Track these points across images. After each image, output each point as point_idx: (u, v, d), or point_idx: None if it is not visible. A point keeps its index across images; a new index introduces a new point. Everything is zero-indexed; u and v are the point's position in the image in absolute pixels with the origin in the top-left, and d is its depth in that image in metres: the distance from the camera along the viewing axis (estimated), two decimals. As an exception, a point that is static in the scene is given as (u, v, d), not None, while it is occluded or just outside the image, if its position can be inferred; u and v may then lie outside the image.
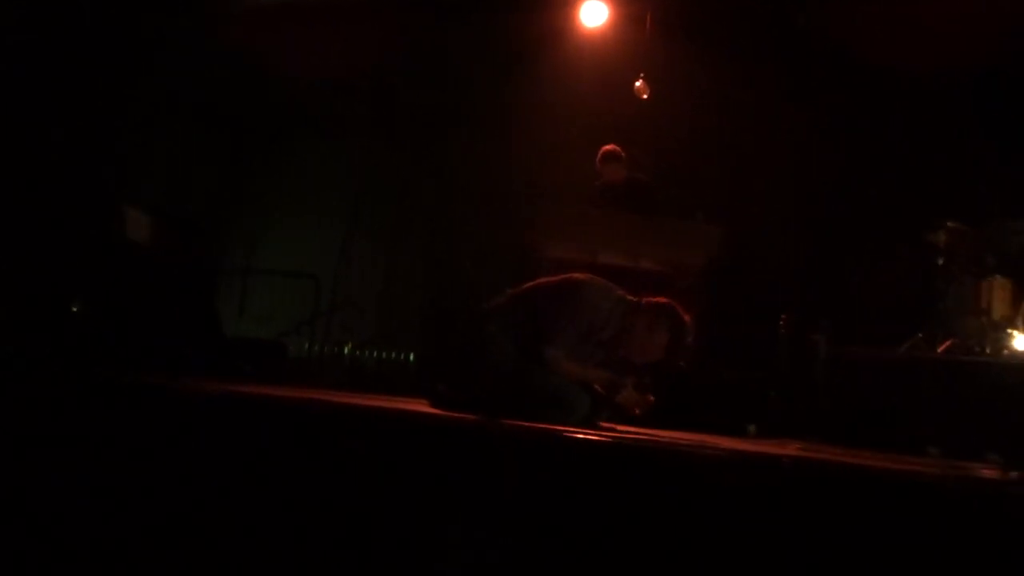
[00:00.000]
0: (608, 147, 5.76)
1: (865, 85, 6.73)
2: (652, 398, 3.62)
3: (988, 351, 4.88)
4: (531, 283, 3.85)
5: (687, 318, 3.60)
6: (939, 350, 4.96)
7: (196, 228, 7.10)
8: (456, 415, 3.32)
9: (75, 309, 5.32)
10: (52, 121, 5.95)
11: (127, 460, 2.93)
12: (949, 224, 5.40)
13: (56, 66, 6.01)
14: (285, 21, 7.25)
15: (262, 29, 7.11)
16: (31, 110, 5.80)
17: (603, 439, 2.74)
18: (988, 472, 3.06)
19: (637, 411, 3.62)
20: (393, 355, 8.19)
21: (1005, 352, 4.85)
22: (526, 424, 2.95)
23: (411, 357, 8.18)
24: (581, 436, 2.69)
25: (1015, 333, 4.88)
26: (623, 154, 5.78)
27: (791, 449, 3.52)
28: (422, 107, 8.38)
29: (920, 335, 5.20)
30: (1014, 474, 2.86)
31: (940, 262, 5.40)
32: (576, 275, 3.77)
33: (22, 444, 2.97)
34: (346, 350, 8.10)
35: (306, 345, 7.87)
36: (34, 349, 4.64)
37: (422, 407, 3.75)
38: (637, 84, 6.75)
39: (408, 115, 8.50)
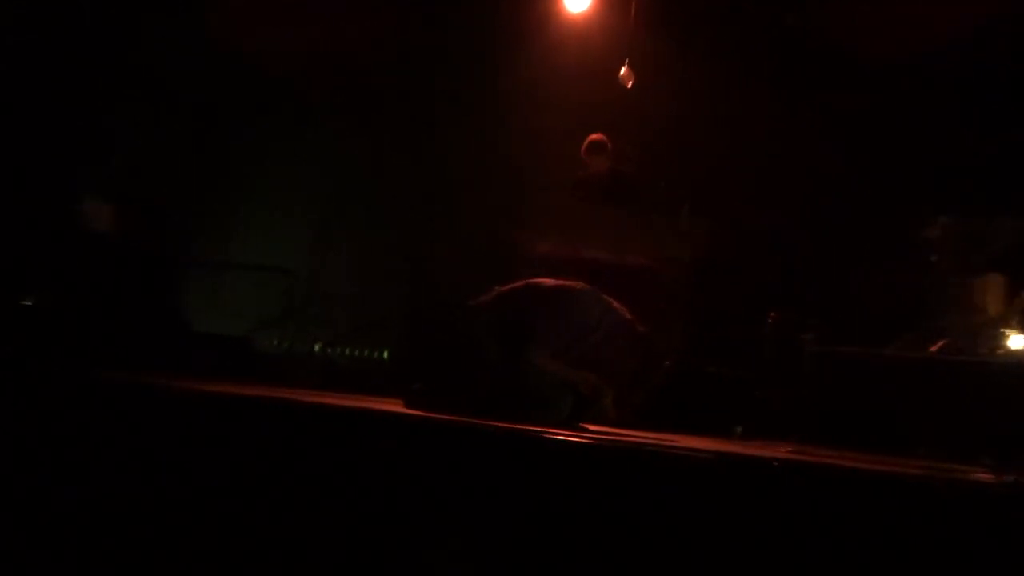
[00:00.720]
0: (594, 137, 5.73)
1: (857, 78, 6.75)
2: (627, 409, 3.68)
3: (981, 350, 4.90)
4: (522, 282, 3.87)
5: (665, 361, 3.72)
6: (931, 349, 4.97)
7: (162, 215, 7.01)
8: (433, 415, 3.30)
9: (30, 303, 5.23)
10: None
11: (86, 459, 2.88)
12: (941, 219, 5.42)
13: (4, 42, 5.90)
14: (261, 2, 7.19)
15: (236, 8, 7.04)
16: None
17: (585, 440, 2.71)
18: (981, 475, 3.07)
19: (612, 415, 3.67)
20: (367, 352, 8.13)
21: (999, 351, 4.86)
22: (507, 424, 2.93)
23: (385, 355, 8.13)
24: (563, 438, 2.66)
25: (1009, 331, 4.90)
26: (609, 145, 5.75)
27: (780, 451, 3.52)
28: (401, 93, 8.32)
29: (910, 334, 5.21)
30: (1009, 478, 2.87)
31: (932, 259, 5.42)
32: (571, 282, 3.83)
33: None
34: (317, 347, 8.04)
35: (276, 342, 7.80)
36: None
37: (397, 407, 3.72)
38: (622, 71, 6.73)
39: (387, 102, 8.44)
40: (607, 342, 3.66)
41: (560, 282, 3.83)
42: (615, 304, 3.79)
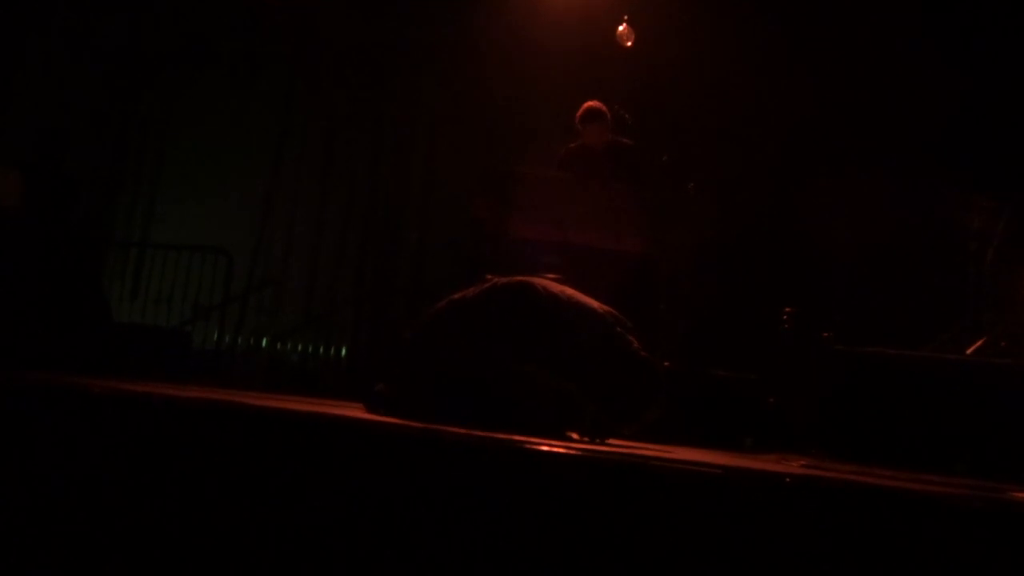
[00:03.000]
0: (591, 104, 5.74)
1: (886, 44, 6.79)
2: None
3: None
4: (520, 279, 3.92)
5: (654, 387, 3.78)
6: (968, 351, 5.05)
7: (75, 186, 6.97)
8: (398, 421, 3.32)
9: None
10: None
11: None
12: (982, 201, 5.50)
13: None
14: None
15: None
16: None
17: (573, 452, 2.75)
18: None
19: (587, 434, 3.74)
20: (322, 349, 8.15)
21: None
22: (485, 433, 2.96)
23: (343, 351, 8.15)
24: (548, 449, 2.70)
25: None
26: (608, 114, 5.76)
27: (793, 465, 3.58)
28: (358, 45, 8.28)
29: (947, 333, 5.29)
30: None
31: (972, 247, 5.50)
32: (569, 289, 3.90)
33: None
34: (264, 342, 8.05)
35: (216, 335, 7.80)
36: None
37: (356, 412, 3.74)
38: (620, 29, 6.75)
39: (341, 55, 8.40)
40: (603, 366, 3.72)
41: (565, 289, 3.89)
42: (623, 324, 3.85)
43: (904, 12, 6.50)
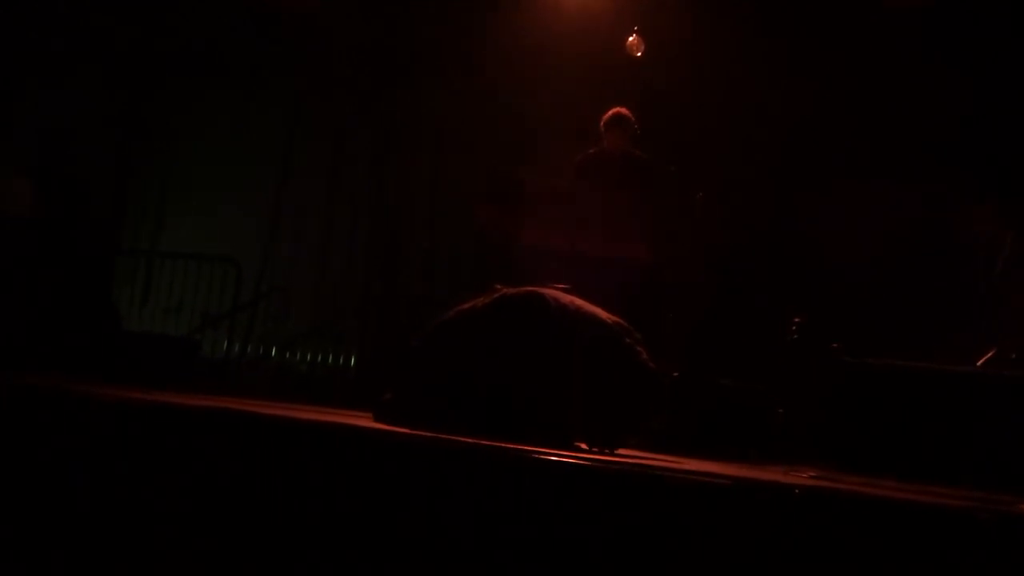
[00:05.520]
0: (619, 109, 5.76)
1: (895, 53, 6.79)
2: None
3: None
4: (528, 289, 3.95)
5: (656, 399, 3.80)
6: (978, 363, 5.04)
7: (87, 194, 7.00)
8: (406, 431, 3.32)
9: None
10: None
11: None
12: (991, 211, 5.48)
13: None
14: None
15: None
16: None
17: (582, 463, 2.75)
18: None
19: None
20: (331, 357, 8.14)
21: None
22: (493, 442, 2.96)
23: (352, 360, 8.14)
24: (557, 458, 2.70)
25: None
26: (633, 123, 5.77)
27: (801, 477, 3.57)
28: (365, 50, 8.30)
29: (958, 342, 5.27)
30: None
31: (982, 256, 5.49)
32: (578, 300, 3.93)
33: None
34: (274, 351, 8.05)
35: (225, 343, 7.80)
36: None
37: (364, 421, 3.75)
38: (630, 40, 6.76)
39: (349, 58, 8.41)
40: (611, 376, 3.73)
41: (574, 300, 3.91)
42: (632, 335, 3.86)
43: (910, 18, 6.51)
